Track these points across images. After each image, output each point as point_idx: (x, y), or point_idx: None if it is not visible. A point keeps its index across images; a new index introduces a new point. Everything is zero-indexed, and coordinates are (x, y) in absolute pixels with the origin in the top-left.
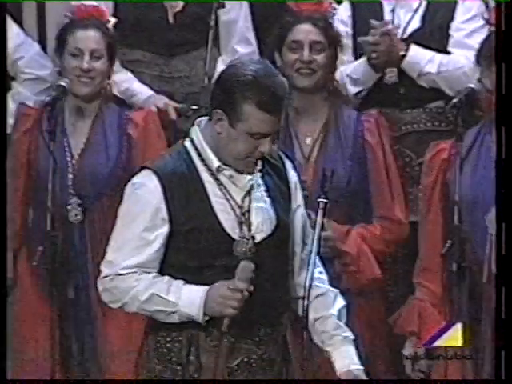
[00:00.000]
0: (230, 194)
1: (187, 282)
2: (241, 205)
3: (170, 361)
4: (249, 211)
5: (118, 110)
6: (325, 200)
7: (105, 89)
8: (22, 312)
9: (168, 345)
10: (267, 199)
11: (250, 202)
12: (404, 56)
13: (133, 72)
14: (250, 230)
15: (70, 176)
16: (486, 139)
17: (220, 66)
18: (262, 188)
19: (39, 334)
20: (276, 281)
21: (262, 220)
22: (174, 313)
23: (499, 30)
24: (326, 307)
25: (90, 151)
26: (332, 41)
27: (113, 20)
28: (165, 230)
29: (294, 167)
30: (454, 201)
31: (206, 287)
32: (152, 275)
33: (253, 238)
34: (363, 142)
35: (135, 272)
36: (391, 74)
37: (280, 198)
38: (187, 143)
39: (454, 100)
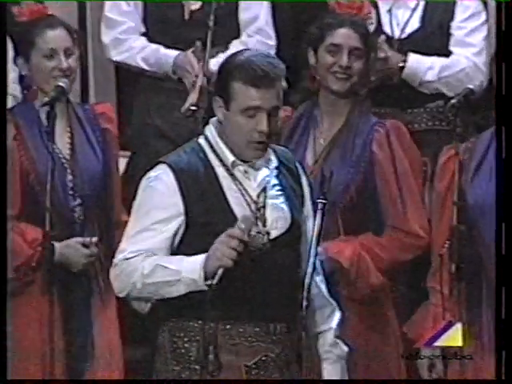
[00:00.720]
0: (245, 189)
1: None
2: (256, 200)
3: (189, 360)
4: (264, 207)
5: (79, 105)
6: (324, 201)
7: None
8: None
9: (186, 345)
10: (282, 198)
11: (265, 198)
12: (403, 67)
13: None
14: (264, 225)
15: (70, 177)
16: None
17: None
18: (278, 187)
19: (38, 334)
20: (290, 278)
21: (277, 217)
22: (178, 281)
23: (499, 30)
24: (326, 321)
25: (79, 151)
26: (370, 48)
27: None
28: (179, 222)
29: (306, 175)
30: (453, 203)
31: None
32: (158, 256)
33: (268, 233)
34: (370, 153)
35: (142, 254)
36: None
37: (294, 198)
38: (201, 140)
39: (453, 101)
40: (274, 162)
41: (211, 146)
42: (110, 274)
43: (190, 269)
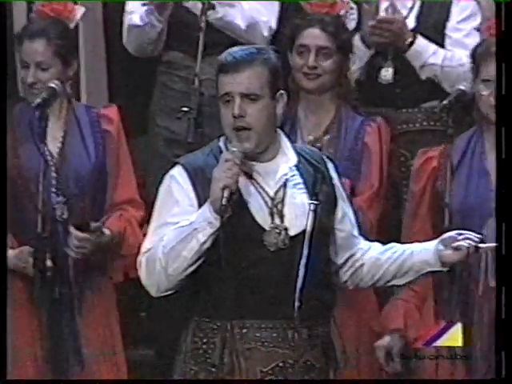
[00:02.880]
0: (261, 187)
1: (217, 273)
2: (273, 197)
3: (206, 362)
4: (282, 203)
5: (85, 107)
6: (316, 202)
7: (64, 90)
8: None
9: (204, 346)
10: (305, 196)
11: (283, 195)
12: (412, 44)
13: (165, 73)
14: (282, 221)
15: (54, 175)
16: (478, 147)
17: None
18: (301, 186)
19: (26, 334)
20: (311, 278)
21: (296, 214)
22: (194, 231)
23: (499, 30)
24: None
25: (69, 150)
26: (341, 45)
27: (77, 16)
28: (194, 217)
29: (337, 169)
30: (444, 204)
31: None
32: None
33: (285, 229)
34: (362, 145)
35: (159, 241)
36: (386, 73)
37: (320, 198)
38: (221, 143)
39: (444, 102)
40: (293, 160)
41: (227, 147)
42: (140, 275)
43: (199, 213)
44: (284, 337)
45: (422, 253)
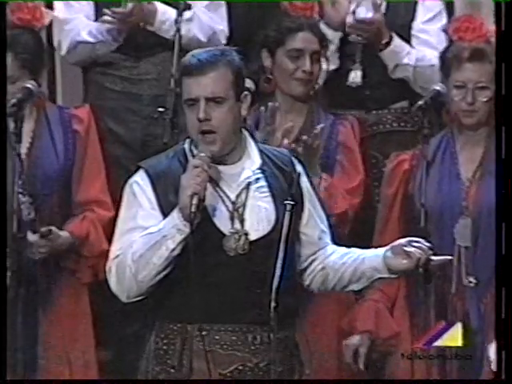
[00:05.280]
0: (223, 191)
1: (182, 277)
2: (234, 201)
3: (166, 363)
4: (243, 208)
5: (58, 108)
6: (292, 202)
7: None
8: None
9: (164, 347)
10: (267, 200)
11: (245, 199)
12: (388, 44)
13: (103, 74)
14: (243, 226)
15: (20, 175)
16: (449, 148)
17: None
18: (265, 189)
19: None
20: (272, 282)
21: (257, 219)
22: (163, 238)
23: (499, 30)
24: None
25: (37, 150)
26: (325, 48)
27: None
28: (157, 222)
29: (306, 172)
30: (421, 205)
31: None
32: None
33: (246, 234)
34: (337, 144)
35: (129, 247)
36: (354, 76)
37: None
38: (186, 145)
39: (420, 102)
40: (257, 163)
41: (191, 150)
42: (110, 284)
43: (168, 220)
44: (243, 340)
45: (372, 259)
